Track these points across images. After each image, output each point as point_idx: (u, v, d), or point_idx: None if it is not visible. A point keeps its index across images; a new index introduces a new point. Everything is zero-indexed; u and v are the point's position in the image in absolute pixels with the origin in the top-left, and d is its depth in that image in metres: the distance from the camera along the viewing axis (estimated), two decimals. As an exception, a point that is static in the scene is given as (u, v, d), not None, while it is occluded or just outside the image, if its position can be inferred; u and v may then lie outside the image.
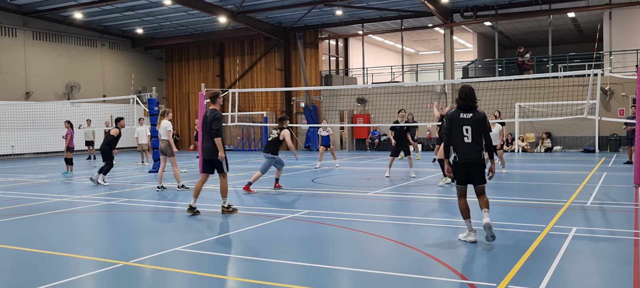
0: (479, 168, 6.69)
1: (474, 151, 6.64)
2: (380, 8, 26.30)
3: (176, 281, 5.40)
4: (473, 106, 6.73)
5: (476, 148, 6.65)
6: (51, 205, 10.51)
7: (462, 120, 6.68)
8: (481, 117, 6.70)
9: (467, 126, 6.65)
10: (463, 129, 6.66)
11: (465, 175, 6.72)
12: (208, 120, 8.87)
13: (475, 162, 6.66)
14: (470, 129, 6.64)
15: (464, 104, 6.73)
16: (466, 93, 6.71)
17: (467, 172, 6.69)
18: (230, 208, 9.05)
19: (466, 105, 6.72)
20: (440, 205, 9.87)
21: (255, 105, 31.30)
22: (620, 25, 26.23)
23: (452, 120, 6.76)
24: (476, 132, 6.65)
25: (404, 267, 5.76)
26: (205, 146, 8.98)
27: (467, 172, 6.70)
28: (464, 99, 6.72)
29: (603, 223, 7.92)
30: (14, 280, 5.48)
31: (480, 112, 6.74)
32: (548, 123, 24.37)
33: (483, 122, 6.69)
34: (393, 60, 37.77)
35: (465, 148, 6.65)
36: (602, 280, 5.25)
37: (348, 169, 17.23)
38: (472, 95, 6.73)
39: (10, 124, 25.29)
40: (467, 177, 6.72)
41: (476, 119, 6.66)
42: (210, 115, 8.89)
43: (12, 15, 26.84)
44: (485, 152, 6.77)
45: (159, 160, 17.00)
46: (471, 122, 6.65)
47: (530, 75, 24.50)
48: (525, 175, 14.43)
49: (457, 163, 6.73)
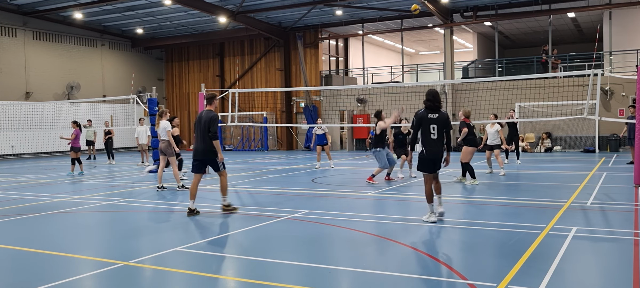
0: (441, 159, 7.97)
1: (439, 145, 7.85)
2: (380, 8, 26.30)
3: (176, 281, 5.40)
4: (439, 107, 7.86)
5: (441, 143, 7.87)
6: (51, 205, 10.51)
7: (430, 120, 7.80)
8: (445, 116, 7.88)
9: (434, 124, 7.79)
10: (430, 126, 7.79)
11: (432, 165, 7.93)
12: (203, 121, 8.85)
13: (440, 155, 7.92)
14: (436, 127, 7.80)
15: (432, 105, 7.84)
16: (433, 95, 7.86)
17: (434, 163, 7.91)
18: (231, 207, 9.06)
19: (433, 106, 7.83)
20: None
21: (255, 105, 31.31)
22: (620, 25, 26.23)
23: (422, 119, 7.86)
24: (441, 130, 7.83)
25: (404, 267, 5.76)
26: (199, 147, 8.93)
27: (433, 163, 7.91)
28: (432, 101, 7.85)
29: (603, 223, 7.92)
30: (14, 280, 5.48)
31: (444, 112, 7.92)
32: (548, 123, 24.36)
33: (447, 121, 7.89)
34: (393, 60, 37.77)
35: (432, 144, 7.82)
36: (602, 280, 5.25)
37: (348, 169, 17.23)
38: (438, 97, 7.89)
39: (10, 124, 25.29)
40: (434, 167, 7.93)
41: (441, 119, 7.83)
42: (206, 116, 8.89)
43: (12, 15, 26.84)
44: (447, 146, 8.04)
45: (159, 160, 17.02)
46: (437, 121, 7.80)
47: (530, 75, 24.44)
48: (525, 175, 14.43)
49: (425, 156, 7.89)
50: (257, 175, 15.80)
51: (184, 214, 9.04)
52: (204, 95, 16.69)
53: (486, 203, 9.81)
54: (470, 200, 10.25)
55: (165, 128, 12.38)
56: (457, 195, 10.80)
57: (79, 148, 16.89)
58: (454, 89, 26.68)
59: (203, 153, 8.90)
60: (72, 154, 16.81)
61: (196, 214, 8.91)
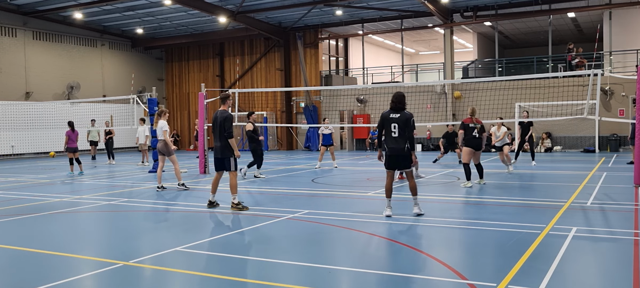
0: (404, 157, 8.26)
1: (400, 143, 8.21)
2: (380, 8, 26.30)
3: (176, 281, 5.40)
4: (402, 108, 8.30)
5: (402, 141, 8.21)
6: (51, 205, 10.51)
7: (391, 119, 8.26)
8: (407, 116, 8.23)
9: (395, 124, 8.22)
10: (391, 125, 8.23)
11: (393, 162, 8.33)
12: (218, 121, 9.26)
13: (400, 152, 8.23)
14: (398, 126, 8.20)
15: (395, 105, 8.30)
16: (398, 97, 8.33)
17: (395, 160, 8.29)
18: (240, 206, 9.27)
19: (397, 106, 8.29)
20: (441, 205, 9.86)
21: (255, 105, 31.29)
22: (620, 25, 26.23)
23: (384, 118, 8.33)
24: (402, 129, 8.19)
25: (404, 267, 5.76)
26: (216, 145, 9.36)
27: (394, 160, 8.30)
28: (395, 102, 8.32)
29: (603, 223, 7.92)
30: (14, 280, 5.48)
31: (407, 113, 8.29)
32: (548, 123, 24.36)
33: (408, 121, 8.22)
34: (393, 60, 37.77)
35: (393, 141, 8.25)
36: (602, 280, 5.25)
37: (348, 169, 17.23)
38: (403, 99, 8.34)
39: (10, 124, 25.28)
40: (395, 164, 8.33)
41: (402, 118, 8.21)
42: (221, 116, 9.26)
43: (12, 15, 26.83)
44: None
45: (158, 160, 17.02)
46: (398, 120, 8.22)
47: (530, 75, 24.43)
48: (525, 175, 14.43)
49: (386, 153, 8.33)
50: (257, 175, 15.80)
51: (184, 214, 9.05)
52: (204, 95, 16.73)
53: (486, 203, 9.81)
54: (471, 200, 10.25)
55: (161, 128, 12.39)
56: (457, 195, 10.80)
57: (76, 149, 16.79)
58: (454, 89, 26.67)
59: (220, 151, 9.30)
60: (70, 155, 16.77)
61: (216, 206, 9.44)
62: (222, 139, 9.22)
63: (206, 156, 16.61)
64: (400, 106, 8.30)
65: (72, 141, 16.76)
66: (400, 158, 8.26)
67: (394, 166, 8.35)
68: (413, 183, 8.45)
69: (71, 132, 16.80)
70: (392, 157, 8.30)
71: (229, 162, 9.23)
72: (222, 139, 9.22)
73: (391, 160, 8.33)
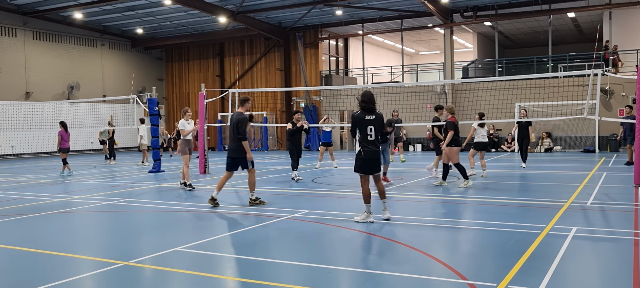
0: (378, 160, 8.00)
1: (376, 146, 7.94)
2: (380, 8, 26.30)
3: (176, 281, 5.40)
4: (374, 108, 7.94)
5: (377, 144, 7.94)
6: (51, 205, 10.51)
7: (367, 121, 7.86)
8: (381, 117, 8.01)
9: (371, 126, 7.87)
10: (368, 128, 7.86)
11: (369, 167, 7.92)
12: (233, 122, 9.64)
13: (377, 156, 7.95)
14: (374, 128, 7.88)
15: (368, 106, 7.89)
16: (369, 97, 7.92)
17: (372, 164, 7.92)
18: (258, 201, 9.71)
19: (369, 107, 7.90)
20: (440, 205, 9.86)
21: (255, 105, 31.30)
22: (620, 25, 26.24)
23: (359, 120, 7.88)
24: (377, 131, 7.93)
25: (404, 267, 5.76)
26: (231, 146, 9.74)
27: (372, 164, 7.92)
28: (368, 102, 7.91)
29: (603, 223, 7.92)
30: (14, 280, 5.48)
31: (379, 113, 8.01)
32: (548, 123, 24.36)
33: (382, 122, 8.03)
34: (393, 60, 37.77)
35: (370, 144, 7.87)
36: (602, 280, 5.25)
37: (348, 169, 17.22)
38: (374, 99, 7.98)
39: (10, 124, 25.28)
40: (372, 168, 7.94)
41: (378, 120, 7.94)
42: (235, 117, 9.63)
43: (12, 15, 26.84)
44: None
45: (159, 160, 17.03)
46: (374, 122, 7.89)
47: (530, 75, 24.42)
48: (525, 175, 14.43)
49: (363, 157, 7.88)
50: (257, 175, 15.81)
51: (184, 214, 9.05)
52: (204, 95, 16.74)
53: (486, 203, 9.80)
54: (470, 200, 10.25)
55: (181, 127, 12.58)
56: (457, 196, 10.80)
57: (68, 149, 16.84)
58: (454, 89, 26.68)
59: (234, 151, 9.64)
60: (63, 155, 16.76)
61: (216, 205, 9.55)
62: (237, 140, 9.54)
63: (206, 156, 16.61)
64: (372, 107, 7.92)
65: (65, 141, 16.77)
66: (376, 161, 7.96)
67: (371, 170, 7.96)
68: (381, 187, 8.15)
69: (64, 132, 16.80)
70: (370, 160, 7.90)
71: (245, 161, 9.56)
72: (236, 140, 9.55)
73: (368, 164, 7.91)
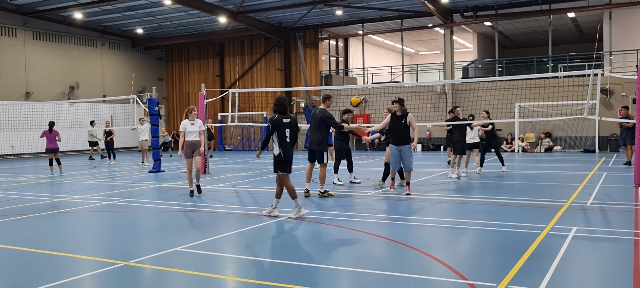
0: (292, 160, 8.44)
1: (292, 147, 8.40)
2: (380, 8, 26.30)
3: (176, 281, 5.40)
4: (288, 112, 8.42)
5: (293, 145, 8.41)
6: (51, 205, 10.51)
7: (285, 124, 8.31)
8: (295, 121, 8.47)
9: (288, 128, 8.32)
10: (285, 130, 8.30)
11: (289, 166, 8.40)
12: (317, 118, 10.45)
13: (291, 157, 8.38)
14: (290, 131, 8.33)
15: (283, 110, 8.36)
16: (282, 102, 8.37)
17: (289, 164, 8.39)
18: (326, 194, 10.56)
19: (284, 111, 8.36)
20: (440, 205, 9.86)
21: (255, 105, 31.30)
22: (620, 25, 26.24)
23: (279, 124, 8.28)
24: (293, 133, 8.38)
25: (404, 267, 5.76)
26: (312, 139, 10.60)
27: (289, 164, 8.38)
28: (282, 106, 8.36)
29: (603, 223, 7.92)
30: (14, 280, 5.48)
31: (294, 117, 8.49)
32: (548, 123, 24.36)
33: (296, 125, 8.48)
34: (393, 60, 37.78)
35: (288, 146, 8.34)
36: (602, 280, 5.25)
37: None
38: (286, 103, 8.43)
39: (10, 124, 25.27)
40: (290, 167, 8.41)
41: (293, 123, 8.39)
42: (320, 114, 10.46)
43: (12, 15, 26.83)
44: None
45: (159, 160, 17.02)
46: (290, 125, 8.35)
47: (530, 75, 24.45)
48: (525, 175, 14.43)
49: (283, 158, 8.28)
50: (257, 175, 15.82)
51: (184, 214, 9.05)
52: (204, 95, 16.71)
53: (486, 203, 9.80)
54: (470, 200, 10.25)
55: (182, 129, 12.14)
56: (457, 196, 10.80)
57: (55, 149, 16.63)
58: (454, 89, 26.68)
59: (316, 144, 10.53)
60: (49, 155, 16.64)
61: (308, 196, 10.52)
62: (317, 133, 10.42)
63: (206, 156, 16.59)
64: (287, 110, 8.45)
65: (50, 142, 16.62)
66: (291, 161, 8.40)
67: (290, 169, 8.39)
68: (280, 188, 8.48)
69: (48, 132, 16.65)
70: (288, 161, 8.32)
71: (321, 155, 10.48)
72: (317, 133, 10.43)
73: (288, 164, 8.36)
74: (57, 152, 16.67)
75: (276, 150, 8.31)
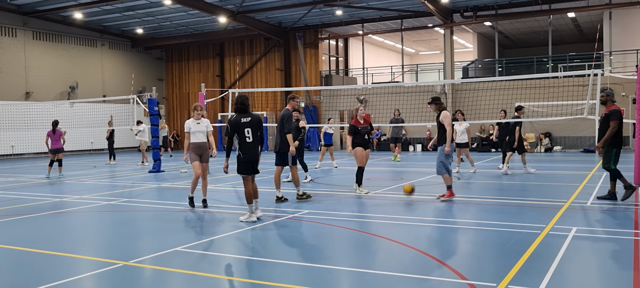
0: (257, 161, 8.12)
1: (255, 147, 8.04)
2: (380, 8, 26.30)
3: (176, 281, 5.40)
4: (249, 111, 8.08)
5: (256, 145, 8.05)
6: (51, 205, 10.51)
7: (244, 124, 7.98)
8: (258, 118, 8.08)
9: (248, 128, 7.98)
10: (245, 130, 7.97)
11: (250, 168, 8.06)
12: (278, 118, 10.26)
13: (257, 157, 8.08)
14: (251, 130, 7.99)
15: (243, 108, 8.03)
16: (242, 101, 8.04)
17: (252, 165, 8.06)
18: (304, 196, 10.25)
19: (245, 110, 8.04)
20: (440, 205, 9.85)
21: (255, 105, 31.29)
22: (620, 25, 26.23)
23: (236, 124, 7.98)
24: (255, 132, 8.03)
25: (404, 267, 5.76)
26: (277, 140, 10.31)
27: (251, 165, 8.05)
28: (242, 105, 8.03)
29: (603, 223, 7.92)
30: (14, 280, 5.48)
31: (256, 115, 8.14)
32: (548, 123, 24.36)
33: (260, 123, 8.08)
34: (393, 60, 37.77)
35: (249, 147, 7.99)
36: (602, 280, 5.25)
37: (348, 169, 17.21)
38: (248, 101, 8.10)
39: (10, 124, 25.26)
40: (252, 169, 8.08)
41: (254, 121, 8.03)
42: (280, 114, 10.22)
43: (12, 15, 26.83)
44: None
45: (159, 160, 17.02)
46: (251, 124, 8.00)
47: (530, 75, 24.45)
48: (525, 175, 14.42)
49: (243, 159, 8.01)
50: (256, 175, 15.79)
51: (184, 214, 9.05)
52: (204, 95, 16.72)
53: (486, 203, 9.80)
54: (470, 200, 10.25)
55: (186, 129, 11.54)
56: (457, 195, 10.79)
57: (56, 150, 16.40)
58: (454, 89, 26.68)
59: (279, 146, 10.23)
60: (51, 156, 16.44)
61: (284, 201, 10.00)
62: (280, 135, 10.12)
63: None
64: (247, 109, 8.10)
65: (54, 142, 16.41)
66: (256, 162, 8.10)
67: (252, 171, 8.09)
68: (254, 187, 8.23)
69: (52, 132, 16.44)
70: (250, 162, 8.05)
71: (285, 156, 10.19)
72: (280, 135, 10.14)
73: (249, 165, 8.06)
74: (60, 152, 16.46)
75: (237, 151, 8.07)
